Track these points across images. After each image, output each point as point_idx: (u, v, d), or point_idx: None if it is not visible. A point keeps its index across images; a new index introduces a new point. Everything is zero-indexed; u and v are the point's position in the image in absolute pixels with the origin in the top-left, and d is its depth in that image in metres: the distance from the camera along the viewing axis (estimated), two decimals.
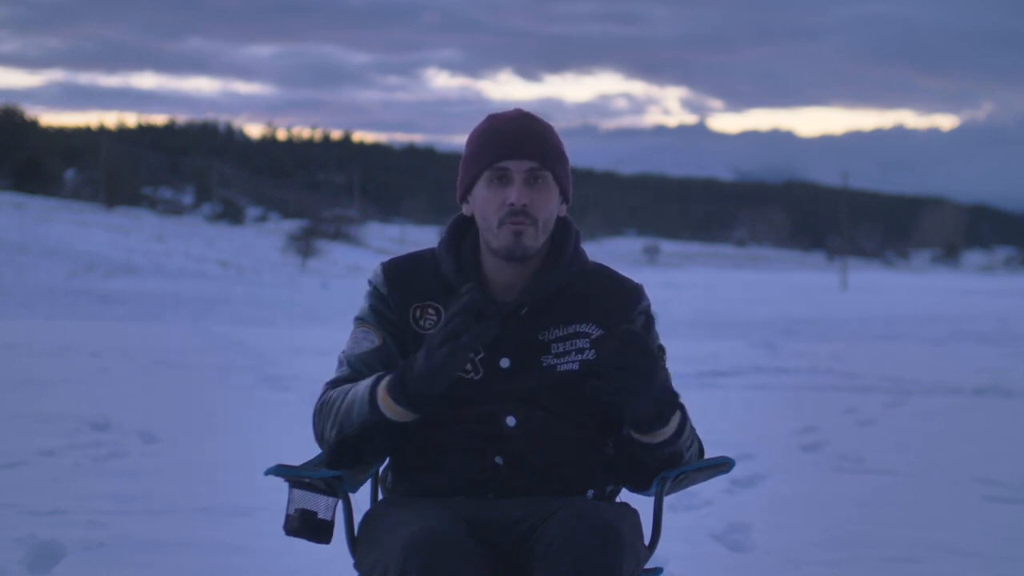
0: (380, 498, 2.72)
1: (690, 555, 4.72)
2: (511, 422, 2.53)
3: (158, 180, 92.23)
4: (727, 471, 2.59)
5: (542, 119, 2.64)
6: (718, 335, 19.65)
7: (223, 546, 4.72)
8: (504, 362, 2.56)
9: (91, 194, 75.82)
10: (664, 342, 2.63)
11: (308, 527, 2.50)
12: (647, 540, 2.55)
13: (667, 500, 2.61)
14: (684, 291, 40.86)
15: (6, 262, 35.38)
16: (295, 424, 4.30)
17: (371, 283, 2.66)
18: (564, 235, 2.65)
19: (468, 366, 2.55)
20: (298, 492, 2.51)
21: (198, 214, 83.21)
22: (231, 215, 79.60)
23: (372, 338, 2.61)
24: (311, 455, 2.66)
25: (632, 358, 2.36)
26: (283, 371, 11.84)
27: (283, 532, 2.52)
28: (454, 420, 2.54)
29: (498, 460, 2.53)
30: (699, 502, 5.73)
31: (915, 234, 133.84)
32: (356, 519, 2.56)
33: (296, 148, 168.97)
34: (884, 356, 15.25)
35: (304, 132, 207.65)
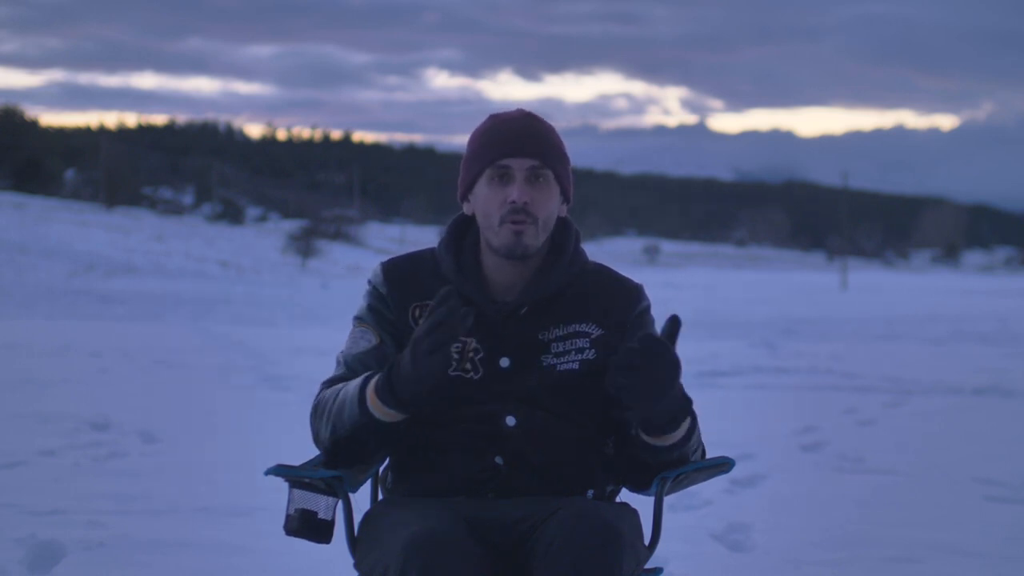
0: (380, 498, 2.72)
1: (690, 555, 4.72)
2: (511, 422, 2.53)
3: (158, 180, 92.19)
4: (727, 471, 2.59)
5: (544, 119, 2.64)
6: (718, 335, 19.63)
7: (223, 546, 4.72)
8: (504, 362, 2.56)
9: (91, 194, 75.80)
10: None
11: (308, 527, 2.50)
12: (647, 540, 2.55)
13: (667, 500, 2.60)
14: (684, 291, 40.84)
15: (6, 262, 35.36)
16: (295, 424, 4.29)
17: (370, 283, 2.66)
18: (564, 235, 2.65)
19: (468, 365, 2.55)
20: (298, 492, 2.51)
21: (198, 214, 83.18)
22: (231, 215, 79.57)
23: (370, 338, 2.61)
24: (311, 455, 2.65)
25: (655, 364, 2.33)
26: (283, 371, 11.84)
27: (283, 532, 2.52)
28: (454, 420, 2.54)
29: (498, 460, 2.52)
30: (699, 502, 5.73)
31: (915, 234, 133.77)
32: (356, 519, 2.56)
33: (296, 148, 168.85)
34: (884, 356, 15.25)
35: (304, 132, 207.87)
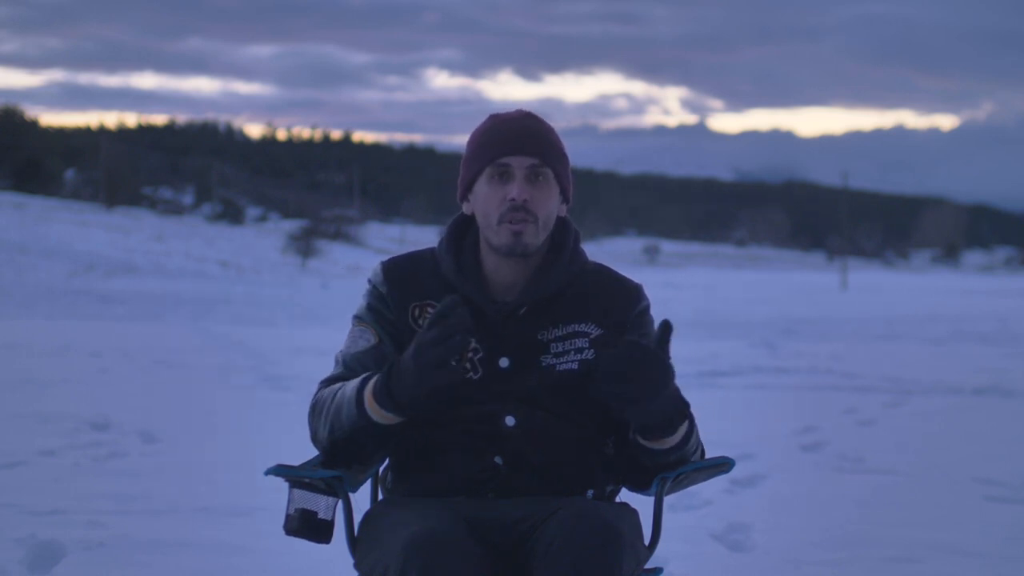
0: (380, 498, 2.72)
1: (690, 555, 4.72)
2: (511, 422, 2.53)
3: (158, 180, 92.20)
4: (727, 471, 2.59)
5: (543, 119, 2.64)
6: (718, 335, 19.63)
7: (223, 546, 4.72)
8: (503, 362, 2.56)
9: (91, 194, 75.80)
10: None
11: (308, 527, 2.50)
12: (647, 540, 2.55)
13: (667, 500, 2.60)
14: (684, 291, 40.84)
15: (6, 262, 35.36)
16: (295, 424, 4.28)
17: (370, 282, 2.66)
18: (564, 234, 2.65)
19: (467, 365, 2.55)
20: (298, 492, 2.50)
21: (198, 214, 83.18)
22: (231, 215, 79.56)
23: (368, 337, 2.60)
24: (311, 455, 2.65)
25: (639, 370, 2.34)
26: (283, 371, 11.84)
27: (283, 532, 2.52)
28: (454, 420, 2.54)
29: (498, 460, 2.52)
30: (699, 502, 5.73)
31: (915, 234, 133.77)
32: (356, 519, 2.56)
33: (296, 148, 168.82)
34: (884, 356, 15.25)
35: (304, 132, 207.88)
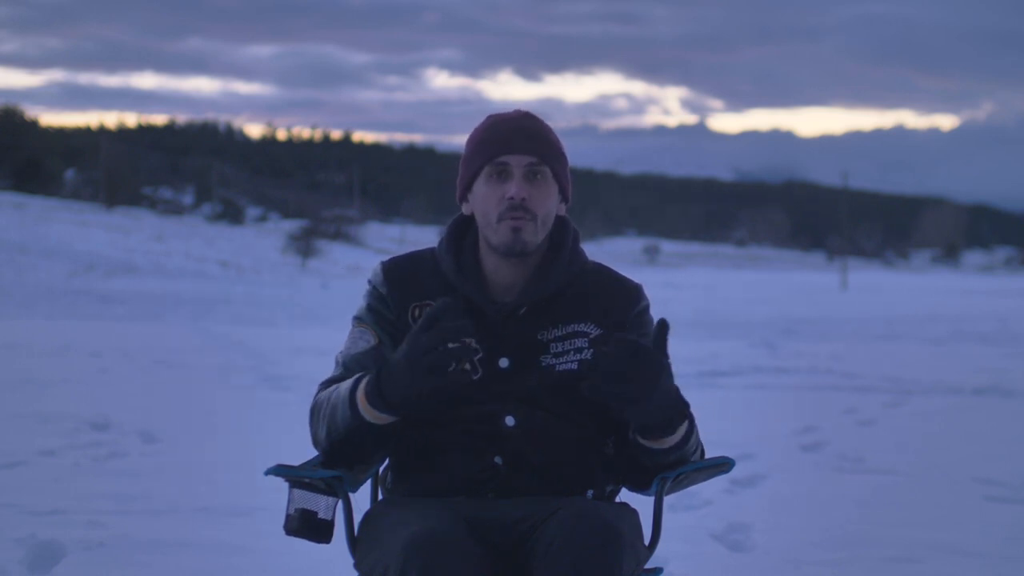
0: (380, 498, 2.72)
1: (690, 555, 4.72)
2: (510, 422, 2.53)
3: (158, 180, 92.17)
4: (727, 471, 2.59)
5: (542, 119, 2.65)
6: (718, 335, 19.64)
7: (223, 546, 4.72)
8: (503, 362, 2.56)
9: (91, 194, 75.79)
10: None
11: (308, 527, 2.50)
12: (647, 540, 2.55)
13: (667, 500, 2.60)
14: (684, 291, 40.84)
15: (6, 262, 35.36)
16: (295, 424, 4.29)
17: (370, 282, 2.66)
18: (563, 234, 2.65)
19: (467, 367, 2.54)
20: (298, 492, 2.51)
21: (198, 214, 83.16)
22: (231, 215, 79.55)
23: (368, 338, 2.61)
24: (311, 455, 2.66)
25: (637, 370, 2.33)
26: (283, 371, 11.84)
27: (283, 532, 2.52)
28: (453, 420, 2.54)
29: (498, 460, 2.52)
30: (699, 502, 5.73)
31: (915, 234, 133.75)
32: (356, 519, 2.56)
33: (296, 148, 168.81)
34: (884, 356, 15.25)
35: (304, 132, 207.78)
